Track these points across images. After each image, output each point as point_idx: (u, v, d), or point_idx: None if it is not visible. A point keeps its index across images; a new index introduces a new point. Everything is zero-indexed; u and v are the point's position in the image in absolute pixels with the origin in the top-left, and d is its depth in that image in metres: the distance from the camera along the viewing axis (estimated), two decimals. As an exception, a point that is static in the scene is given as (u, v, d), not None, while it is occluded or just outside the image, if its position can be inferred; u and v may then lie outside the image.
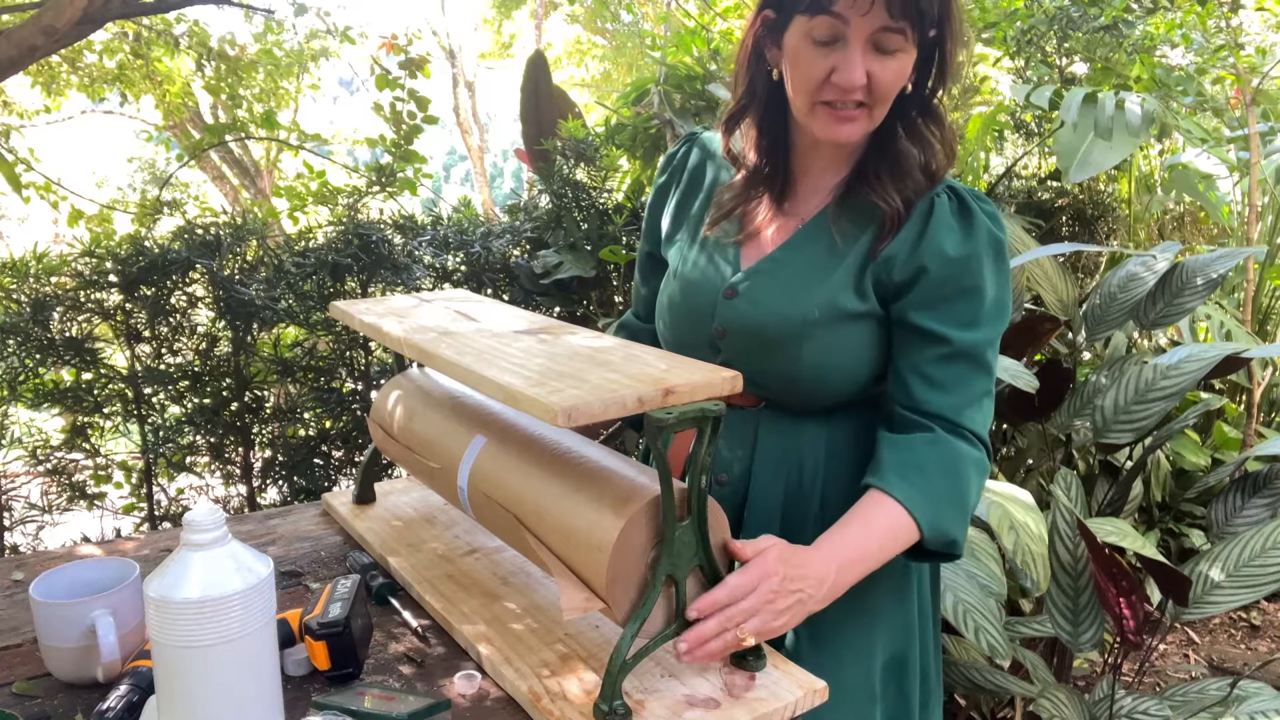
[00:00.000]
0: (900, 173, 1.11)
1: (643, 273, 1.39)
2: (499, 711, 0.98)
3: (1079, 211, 3.60)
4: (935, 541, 1.06)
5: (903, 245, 1.09)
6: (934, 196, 1.10)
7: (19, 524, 2.17)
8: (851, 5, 0.99)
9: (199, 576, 0.84)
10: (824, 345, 1.10)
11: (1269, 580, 1.67)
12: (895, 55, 1.03)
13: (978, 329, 1.08)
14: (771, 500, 1.17)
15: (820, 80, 1.04)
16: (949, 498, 1.06)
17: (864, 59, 1.02)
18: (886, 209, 1.09)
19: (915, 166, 1.11)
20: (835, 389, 1.13)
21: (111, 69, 5.41)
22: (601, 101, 6.52)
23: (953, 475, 1.07)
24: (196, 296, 2.23)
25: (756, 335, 1.13)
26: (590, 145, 2.58)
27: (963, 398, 1.09)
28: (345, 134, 8.82)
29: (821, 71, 1.03)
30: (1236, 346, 2.08)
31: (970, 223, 1.09)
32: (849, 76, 1.01)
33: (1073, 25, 3.23)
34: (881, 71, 1.03)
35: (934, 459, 1.07)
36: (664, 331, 1.26)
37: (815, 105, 1.06)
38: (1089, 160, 3.03)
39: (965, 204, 1.10)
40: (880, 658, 1.19)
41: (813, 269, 1.12)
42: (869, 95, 1.04)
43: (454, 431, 1.21)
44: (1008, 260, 1.12)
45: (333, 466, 2.40)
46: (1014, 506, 1.59)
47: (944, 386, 1.08)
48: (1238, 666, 2.82)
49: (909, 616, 1.21)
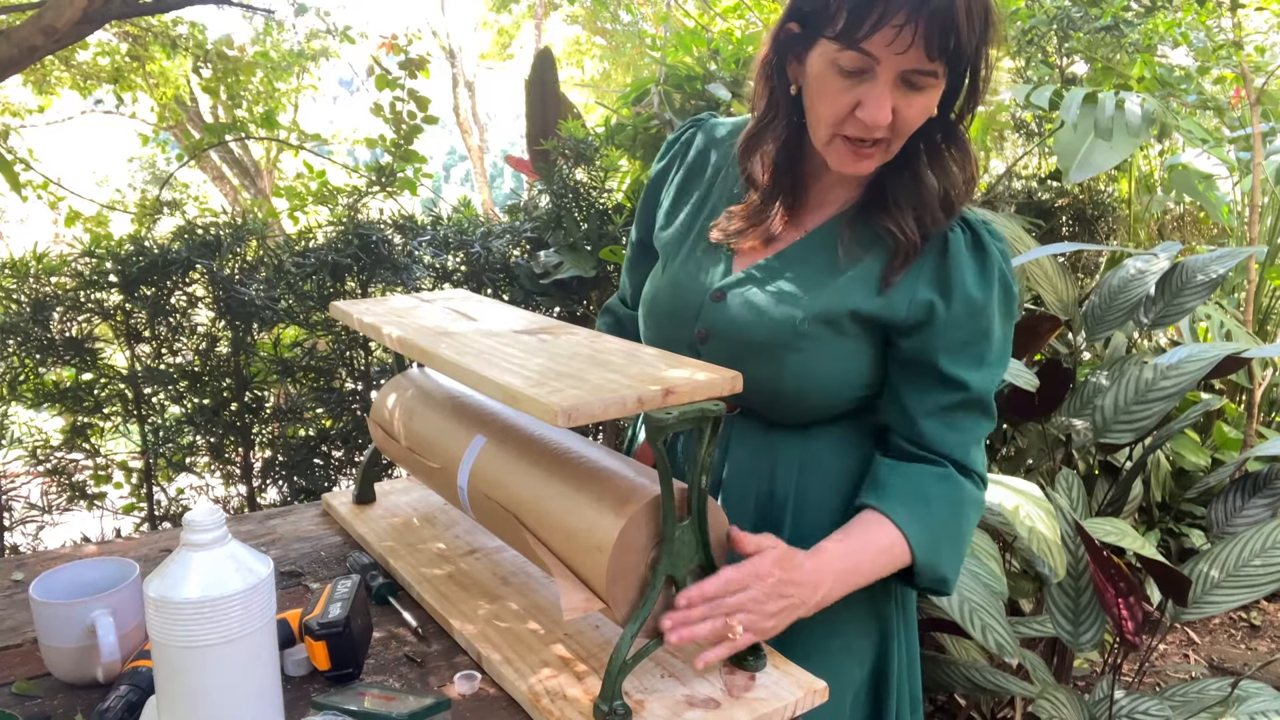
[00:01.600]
0: (919, 202, 1.05)
1: (631, 260, 1.35)
2: (499, 711, 0.98)
3: (1079, 211, 3.60)
4: (925, 576, 1.06)
5: (917, 280, 1.05)
6: (948, 230, 1.06)
7: (19, 524, 2.17)
8: (888, 45, 0.92)
9: (199, 576, 0.83)
10: (808, 358, 1.07)
11: (1269, 580, 1.67)
12: (924, 91, 0.97)
13: (989, 372, 1.07)
14: (742, 511, 1.15)
15: (843, 115, 0.99)
16: (948, 536, 1.07)
17: (891, 95, 0.96)
18: (902, 240, 1.05)
19: (935, 196, 1.05)
20: (814, 403, 1.10)
21: (105, 67, 5.41)
22: (601, 101, 6.52)
23: (956, 515, 1.07)
24: (196, 296, 2.23)
25: (740, 341, 1.10)
26: (590, 145, 2.58)
27: (970, 437, 1.09)
28: (345, 134, 8.82)
29: (846, 106, 0.98)
30: (1236, 346, 2.08)
31: (985, 262, 1.06)
32: (875, 115, 0.96)
33: (1073, 25, 3.23)
34: (907, 109, 0.97)
35: (940, 495, 1.06)
36: (644, 329, 1.22)
37: (834, 137, 1.02)
38: (1089, 160, 3.03)
39: (980, 239, 1.07)
40: (857, 674, 1.17)
41: (808, 280, 1.09)
42: (890, 130, 0.99)
43: (454, 431, 1.21)
44: (1015, 300, 1.09)
45: (333, 466, 2.40)
46: (1024, 498, 1.59)
47: (957, 428, 1.08)
48: (1238, 666, 2.82)
49: (887, 630, 1.19)
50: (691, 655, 1.04)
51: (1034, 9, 3.28)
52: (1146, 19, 3.13)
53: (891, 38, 0.92)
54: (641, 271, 1.31)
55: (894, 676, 1.20)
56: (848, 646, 1.16)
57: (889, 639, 1.19)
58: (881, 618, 1.18)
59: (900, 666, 1.21)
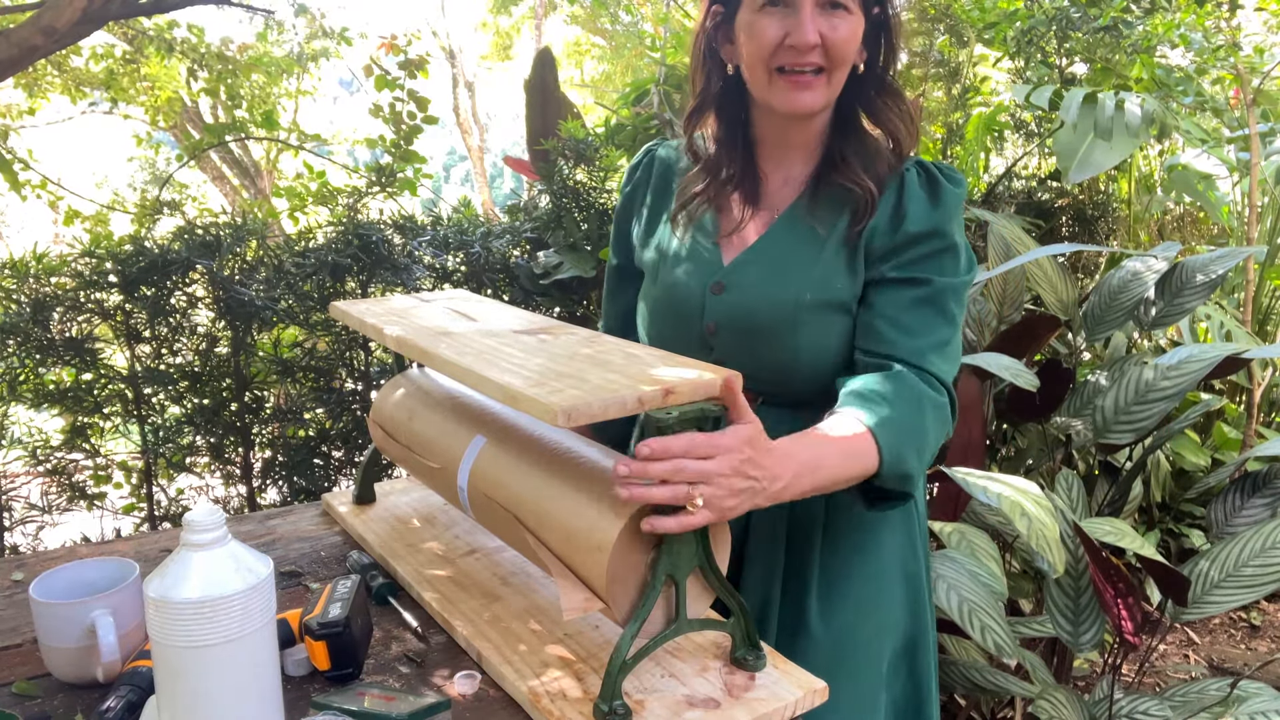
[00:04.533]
0: (867, 154, 1.13)
1: (611, 290, 1.38)
2: (499, 711, 0.98)
3: (1079, 212, 3.60)
4: (892, 472, 1.01)
5: (881, 220, 1.12)
6: (904, 172, 1.13)
7: (19, 524, 2.17)
8: None
9: (199, 576, 0.84)
10: (819, 330, 1.11)
11: (1269, 580, 1.67)
12: (845, 17, 1.06)
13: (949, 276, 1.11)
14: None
15: (774, 44, 1.06)
16: (908, 429, 1.03)
17: (814, 19, 1.05)
18: (859, 191, 1.11)
19: (883, 148, 1.14)
20: (833, 376, 1.12)
21: (98, 73, 5.40)
22: (601, 102, 6.52)
23: (913, 409, 1.05)
24: (196, 297, 2.23)
25: (749, 325, 1.13)
26: (590, 145, 2.58)
27: (926, 342, 1.09)
28: (345, 134, 8.82)
29: (775, 36, 1.06)
30: (1236, 347, 2.08)
31: (937, 190, 1.12)
32: (802, 35, 1.04)
33: (1072, 26, 3.23)
34: (832, 32, 1.05)
35: (894, 391, 1.05)
36: (649, 334, 1.25)
37: (773, 75, 1.08)
38: (1089, 160, 3.03)
39: (932, 175, 1.14)
40: (890, 645, 1.19)
41: (797, 255, 1.13)
42: (825, 58, 1.06)
43: (454, 431, 1.21)
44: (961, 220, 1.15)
45: (333, 466, 2.40)
46: (1023, 496, 1.59)
47: (910, 330, 1.09)
48: (1238, 666, 2.82)
49: (919, 599, 1.22)
50: (691, 655, 1.04)
51: (1033, 9, 3.28)
52: (1145, 20, 3.13)
53: None
54: (623, 299, 1.34)
55: (928, 643, 1.23)
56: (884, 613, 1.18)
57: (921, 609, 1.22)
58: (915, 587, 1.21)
59: (930, 633, 1.24)
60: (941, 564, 1.65)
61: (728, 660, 1.03)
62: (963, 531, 1.78)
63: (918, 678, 1.23)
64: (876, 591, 1.18)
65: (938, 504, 2.01)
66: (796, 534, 1.17)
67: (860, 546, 1.18)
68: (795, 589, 1.17)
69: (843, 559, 1.17)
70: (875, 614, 1.17)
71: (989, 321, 2.37)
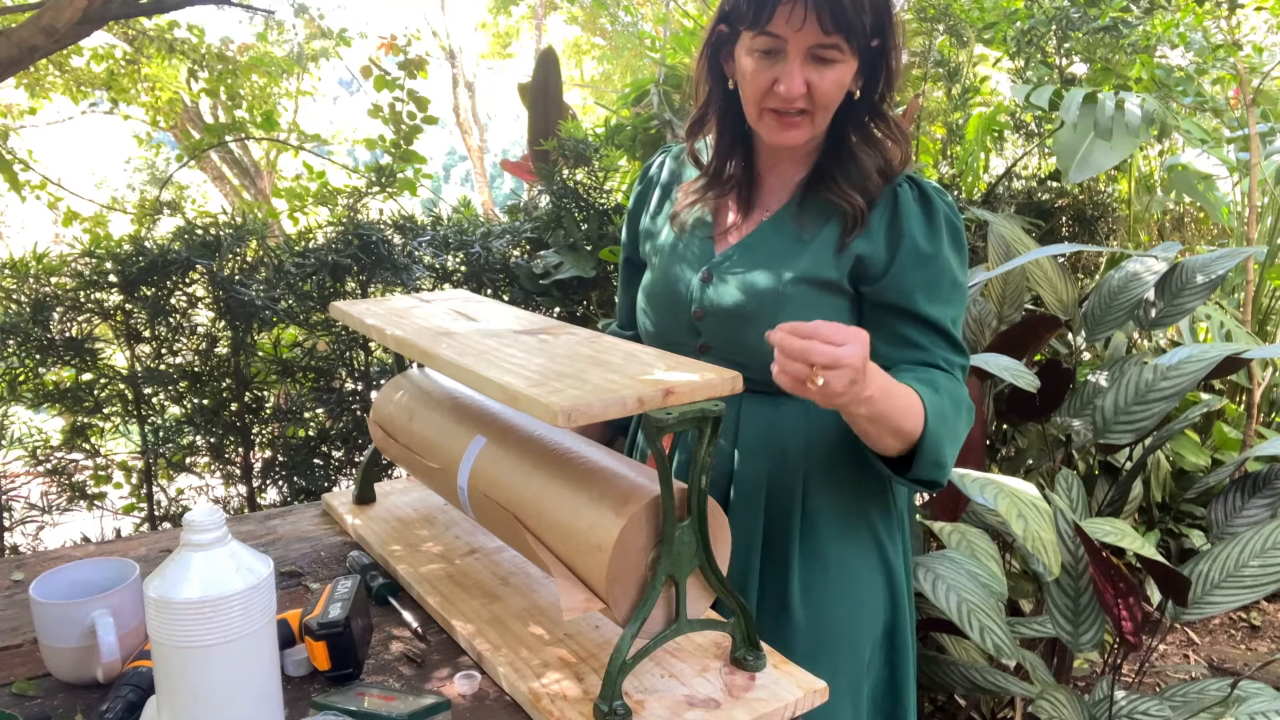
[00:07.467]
0: (854, 175, 1.18)
1: (624, 281, 1.47)
2: (499, 711, 0.98)
3: (1079, 212, 3.60)
4: (927, 457, 1.07)
5: (875, 233, 1.17)
6: (896, 187, 1.18)
7: (19, 524, 2.17)
8: (786, 23, 1.08)
9: (199, 576, 0.84)
10: (804, 310, 1.15)
11: (1269, 580, 1.67)
12: (833, 65, 1.11)
13: (948, 306, 1.17)
14: (755, 483, 1.20)
15: (764, 90, 1.13)
16: (948, 422, 1.10)
17: (803, 70, 1.10)
18: (848, 208, 1.17)
19: (872, 170, 1.19)
20: None
21: (98, 74, 5.40)
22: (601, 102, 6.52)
23: (955, 406, 1.12)
24: (196, 297, 2.23)
25: (735, 312, 1.19)
26: (590, 146, 2.58)
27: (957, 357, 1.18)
28: (345, 134, 8.82)
29: (765, 82, 1.12)
30: (1236, 347, 2.08)
31: (931, 210, 1.17)
32: (788, 87, 1.10)
33: (1072, 26, 3.23)
34: (820, 81, 1.11)
35: (945, 385, 1.12)
36: (646, 321, 1.32)
37: (763, 112, 1.15)
38: (1089, 160, 3.03)
39: (925, 193, 1.18)
40: (869, 634, 1.23)
41: (783, 250, 1.19)
42: (810, 103, 1.12)
43: (454, 432, 1.21)
44: (963, 238, 1.21)
45: (333, 466, 2.40)
46: (1019, 496, 1.59)
47: (924, 349, 1.16)
48: (1238, 667, 2.82)
49: (897, 589, 1.25)
50: (691, 655, 1.04)
51: (1033, 9, 3.28)
52: (1145, 20, 3.13)
53: (787, 14, 1.07)
54: (634, 289, 1.41)
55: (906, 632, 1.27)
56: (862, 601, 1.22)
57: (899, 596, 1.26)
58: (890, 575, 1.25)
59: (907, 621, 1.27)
60: (941, 564, 1.65)
61: (728, 660, 1.03)
62: (962, 532, 1.78)
63: (895, 666, 1.27)
64: (855, 582, 1.21)
65: (938, 504, 2.00)
66: (775, 510, 1.21)
67: (838, 535, 1.21)
68: (776, 563, 1.21)
69: (822, 544, 1.21)
70: (853, 602, 1.21)
71: (989, 321, 2.37)
